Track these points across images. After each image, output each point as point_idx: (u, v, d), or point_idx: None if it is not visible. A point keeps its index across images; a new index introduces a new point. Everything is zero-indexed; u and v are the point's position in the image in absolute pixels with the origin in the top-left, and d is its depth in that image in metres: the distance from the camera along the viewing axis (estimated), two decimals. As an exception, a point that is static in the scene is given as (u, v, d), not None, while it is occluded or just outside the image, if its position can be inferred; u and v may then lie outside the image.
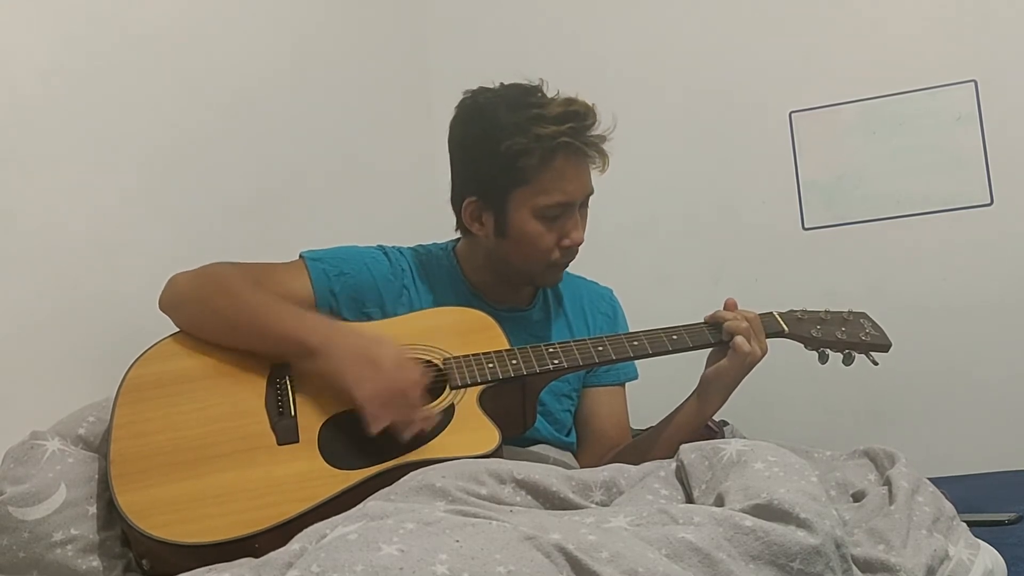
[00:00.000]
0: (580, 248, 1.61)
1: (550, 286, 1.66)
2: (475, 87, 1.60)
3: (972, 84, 2.41)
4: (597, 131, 1.53)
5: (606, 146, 1.55)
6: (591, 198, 1.60)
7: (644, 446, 1.58)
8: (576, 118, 1.50)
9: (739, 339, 1.49)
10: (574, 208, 1.55)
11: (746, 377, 1.54)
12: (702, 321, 1.55)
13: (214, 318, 1.42)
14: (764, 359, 1.54)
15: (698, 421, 1.56)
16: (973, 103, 2.41)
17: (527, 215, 1.53)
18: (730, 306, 1.55)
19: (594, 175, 1.58)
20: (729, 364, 1.50)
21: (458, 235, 1.68)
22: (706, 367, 1.55)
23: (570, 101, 1.52)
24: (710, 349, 1.55)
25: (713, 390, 1.53)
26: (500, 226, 1.56)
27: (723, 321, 1.52)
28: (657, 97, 2.66)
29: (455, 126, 1.60)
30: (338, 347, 1.33)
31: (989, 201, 2.39)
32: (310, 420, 1.32)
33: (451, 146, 1.62)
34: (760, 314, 1.55)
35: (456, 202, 1.62)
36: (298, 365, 1.38)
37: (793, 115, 2.55)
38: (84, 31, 1.68)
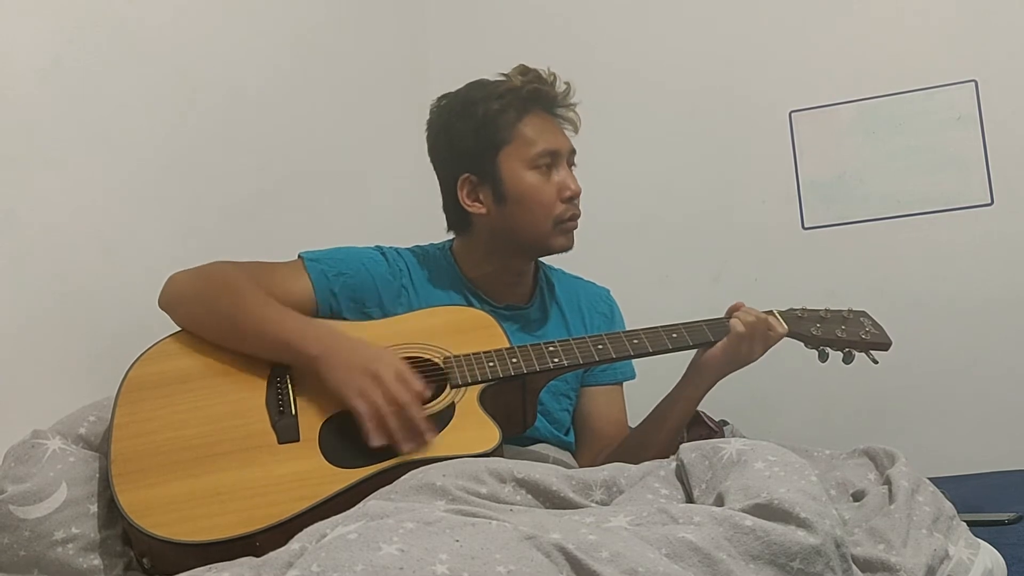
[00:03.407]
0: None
1: (564, 250, 1.64)
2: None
3: (972, 84, 2.41)
4: (561, 89, 1.64)
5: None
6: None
7: (640, 438, 1.59)
8: (536, 72, 1.62)
9: (735, 321, 1.51)
10: (563, 158, 1.61)
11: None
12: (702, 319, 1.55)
13: (215, 318, 1.42)
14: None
15: (690, 405, 1.57)
16: (973, 103, 2.41)
17: (520, 169, 1.58)
18: (736, 309, 1.55)
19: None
20: (722, 351, 1.51)
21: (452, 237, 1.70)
22: (699, 353, 1.55)
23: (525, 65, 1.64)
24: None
25: (704, 374, 1.54)
26: (498, 193, 1.59)
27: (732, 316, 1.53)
28: (657, 97, 2.66)
29: (431, 126, 1.67)
30: (338, 359, 1.33)
31: (989, 201, 2.39)
32: (311, 419, 1.32)
33: (432, 146, 1.67)
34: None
35: (449, 192, 1.64)
36: (298, 368, 1.38)
37: (793, 115, 2.55)
38: (84, 31, 1.68)
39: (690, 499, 1.12)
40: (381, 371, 1.30)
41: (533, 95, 1.61)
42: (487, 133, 1.59)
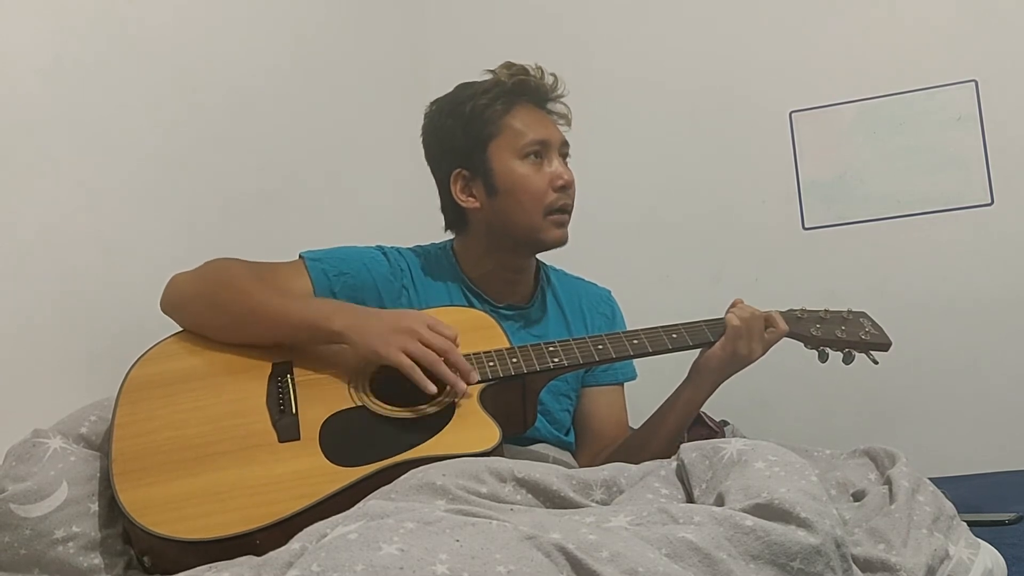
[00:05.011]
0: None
1: (558, 245, 1.63)
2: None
3: (972, 84, 2.41)
4: (548, 82, 1.66)
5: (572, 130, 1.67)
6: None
7: (641, 439, 1.59)
8: (522, 66, 1.64)
9: (730, 315, 1.51)
10: (553, 149, 1.62)
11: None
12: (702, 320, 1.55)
13: (221, 313, 1.42)
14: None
15: (691, 408, 1.57)
16: (973, 103, 2.41)
17: (511, 160, 1.59)
18: (734, 306, 1.55)
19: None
20: (720, 348, 1.51)
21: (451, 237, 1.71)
22: (700, 355, 1.55)
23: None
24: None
25: (705, 375, 1.54)
26: (490, 185, 1.60)
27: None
28: (657, 97, 2.66)
29: (424, 130, 1.69)
30: (366, 326, 1.35)
31: (989, 201, 2.39)
32: (311, 418, 1.32)
33: (426, 148, 1.69)
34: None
35: (445, 190, 1.65)
36: (305, 355, 1.39)
37: (793, 115, 2.56)
38: (84, 31, 1.68)
39: (690, 499, 1.12)
40: (413, 325, 1.34)
41: (519, 87, 1.63)
42: (475, 127, 1.61)
